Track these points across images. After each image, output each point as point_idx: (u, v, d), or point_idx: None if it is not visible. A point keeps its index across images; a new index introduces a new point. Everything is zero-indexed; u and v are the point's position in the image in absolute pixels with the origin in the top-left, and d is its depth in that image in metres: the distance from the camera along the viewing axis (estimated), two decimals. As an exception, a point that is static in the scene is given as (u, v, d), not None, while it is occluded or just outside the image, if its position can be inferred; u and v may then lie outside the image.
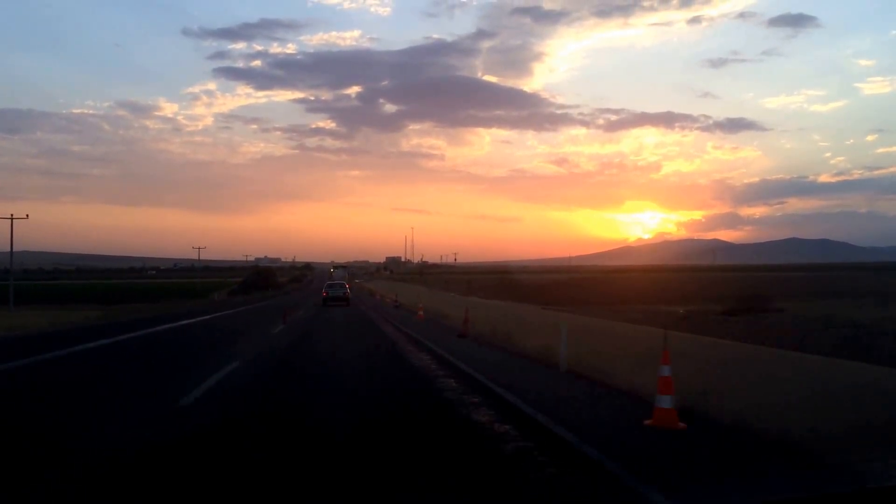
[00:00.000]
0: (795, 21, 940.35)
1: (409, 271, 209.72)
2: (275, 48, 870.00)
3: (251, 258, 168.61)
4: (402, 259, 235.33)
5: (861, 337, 19.77)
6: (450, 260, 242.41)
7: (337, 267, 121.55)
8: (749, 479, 5.16)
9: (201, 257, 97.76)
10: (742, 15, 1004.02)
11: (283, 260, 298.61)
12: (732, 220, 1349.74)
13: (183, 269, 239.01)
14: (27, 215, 56.92)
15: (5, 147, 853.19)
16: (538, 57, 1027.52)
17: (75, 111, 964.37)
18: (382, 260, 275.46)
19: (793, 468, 5.37)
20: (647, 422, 7.00)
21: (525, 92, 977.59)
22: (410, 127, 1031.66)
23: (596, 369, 10.34)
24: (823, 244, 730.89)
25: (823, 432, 6.06)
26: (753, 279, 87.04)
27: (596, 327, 17.53)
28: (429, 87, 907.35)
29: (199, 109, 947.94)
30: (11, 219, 54.56)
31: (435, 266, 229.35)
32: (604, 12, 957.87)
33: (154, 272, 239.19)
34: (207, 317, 34.04)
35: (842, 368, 10.62)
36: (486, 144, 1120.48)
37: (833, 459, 5.33)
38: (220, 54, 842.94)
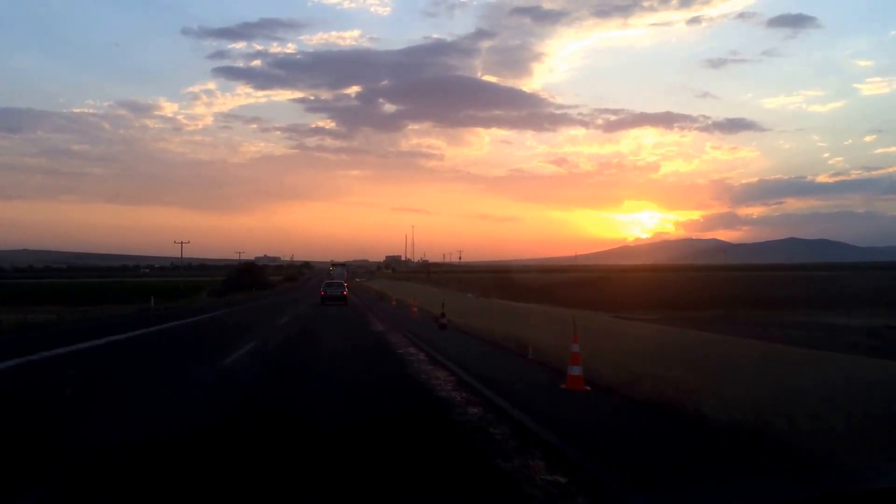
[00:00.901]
0: (795, 21, 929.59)
1: (411, 270, 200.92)
2: (275, 48, 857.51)
3: (245, 256, 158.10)
4: (403, 258, 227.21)
5: None
6: (452, 259, 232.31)
7: (336, 265, 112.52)
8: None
9: (201, 255, 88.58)
10: (742, 15, 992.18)
11: (282, 258, 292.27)
12: (731, 220, 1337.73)
13: (179, 267, 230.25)
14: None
15: (6, 146, 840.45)
16: (537, 57, 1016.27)
17: (75, 110, 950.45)
18: (382, 259, 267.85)
19: None
20: None
21: (524, 92, 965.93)
22: (410, 127, 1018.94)
23: None
24: (822, 244, 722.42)
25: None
26: (796, 279, 78.23)
27: None
28: (428, 87, 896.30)
29: (199, 109, 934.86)
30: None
31: (437, 265, 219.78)
32: (603, 12, 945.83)
33: (147, 270, 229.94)
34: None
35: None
36: (485, 144, 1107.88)
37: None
38: (220, 54, 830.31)
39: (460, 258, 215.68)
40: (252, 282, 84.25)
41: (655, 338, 13.61)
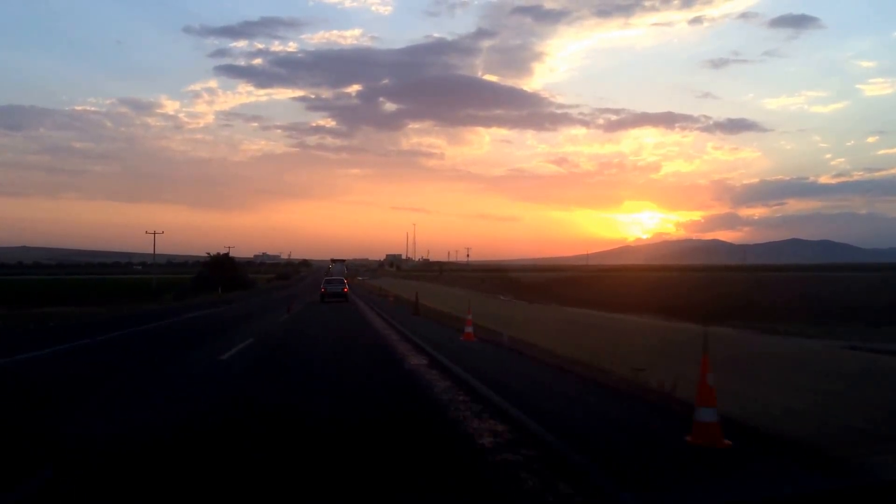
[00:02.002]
0: (797, 22, 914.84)
1: (415, 268, 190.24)
2: (276, 46, 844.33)
3: (236, 252, 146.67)
4: (404, 256, 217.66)
5: None
6: (455, 258, 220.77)
7: (335, 261, 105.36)
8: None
9: (201, 252, 76.50)
10: (744, 15, 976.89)
11: (281, 257, 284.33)
12: (731, 221, 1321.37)
13: (175, 264, 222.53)
14: None
15: (8, 144, 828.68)
16: (538, 56, 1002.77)
17: (77, 108, 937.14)
18: (382, 257, 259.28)
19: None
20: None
21: (525, 91, 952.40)
22: (410, 126, 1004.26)
23: None
24: (825, 245, 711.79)
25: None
26: (864, 280, 67.72)
27: None
28: (429, 86, 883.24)
29: (200, 107, 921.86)
30: None
31: (442, 263, 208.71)
32: (605, 12, 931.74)
33: (140, 267, 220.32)
34: None
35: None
36: (485, 144, 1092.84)
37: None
38: (222, 52, 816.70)
39: (468, 256, 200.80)
40: (228, 280, 68.74)
41: None
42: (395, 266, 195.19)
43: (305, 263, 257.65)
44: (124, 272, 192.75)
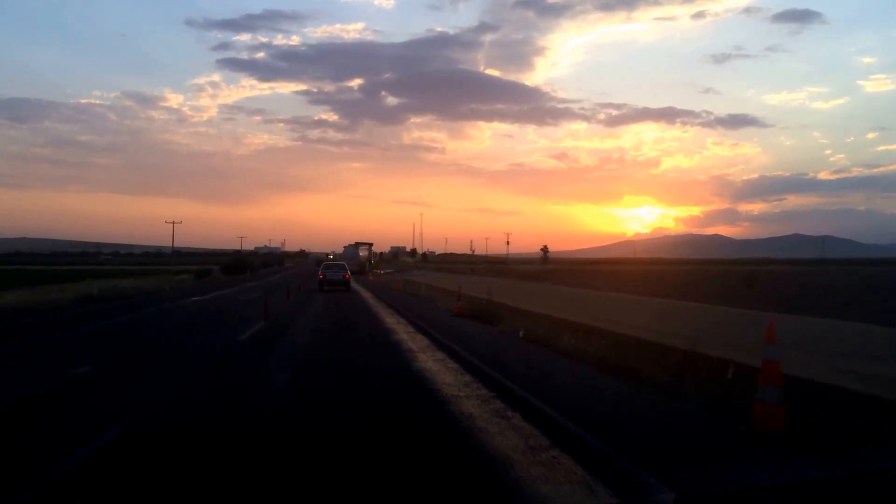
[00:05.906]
0: (801, 17, 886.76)
1: (437, 261, 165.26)
2: (279, 40, 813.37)
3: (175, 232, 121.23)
4: (408, 248, 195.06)
5: None
6: (467, 250, 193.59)
7: (358, 244, 78.01)
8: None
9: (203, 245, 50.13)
10: (747, 10, 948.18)
11: (281, 249, 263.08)
12: (731, 216, 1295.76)
13: (156, 254, 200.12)
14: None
15: (13, 136, 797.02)
16: (540, 51, 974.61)
17: (82, 101, 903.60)
18: (386, 250, 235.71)
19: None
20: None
21: (526, 86, 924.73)
22: (412, 120, 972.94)
23: None
24: (826, 240, 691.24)
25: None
26: None
27: None
28: (430, 80, 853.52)
29: (203, 101, 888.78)
30: None
31: (456, 255, 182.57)
32: (607, 6, 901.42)
33: (110, 256, 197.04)
34: None
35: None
36: (486, 138, 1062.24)
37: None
38: (224, 45, 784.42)
39: (508, 244, 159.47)
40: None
41: None
42: (423, 256, 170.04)
43: (302, 253, 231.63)
44: (92, 262, 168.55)
